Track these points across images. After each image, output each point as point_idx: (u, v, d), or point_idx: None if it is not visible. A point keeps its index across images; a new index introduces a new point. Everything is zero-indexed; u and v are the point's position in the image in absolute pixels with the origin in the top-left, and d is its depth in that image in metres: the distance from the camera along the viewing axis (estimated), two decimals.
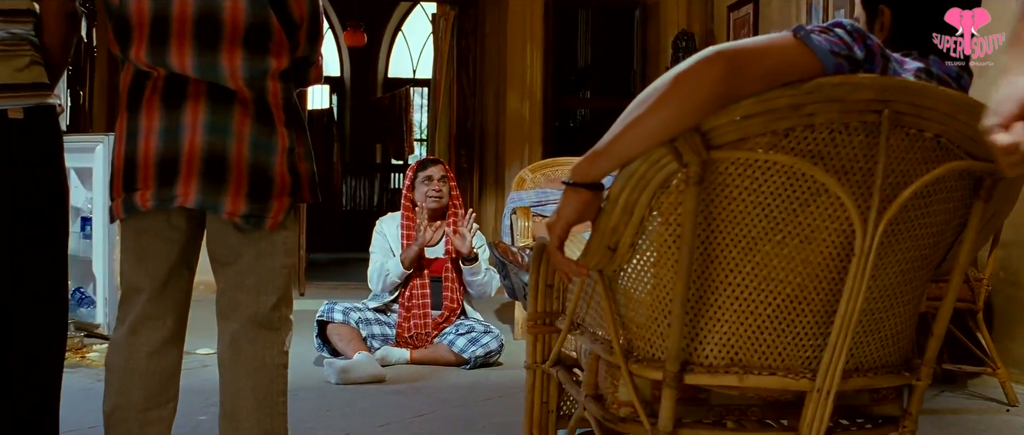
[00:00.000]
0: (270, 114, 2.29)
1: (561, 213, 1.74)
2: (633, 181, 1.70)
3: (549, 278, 2.26)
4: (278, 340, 2.37)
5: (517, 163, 7.92)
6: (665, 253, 1.76)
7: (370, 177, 13.42)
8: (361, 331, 4.62)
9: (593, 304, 2.05)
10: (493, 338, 4.62)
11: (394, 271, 4.73)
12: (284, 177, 2.30)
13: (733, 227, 1.72)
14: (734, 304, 1.76)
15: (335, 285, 8.24)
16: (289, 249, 2.37)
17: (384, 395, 4.03)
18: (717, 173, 1.69)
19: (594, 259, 1.80)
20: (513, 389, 4.14)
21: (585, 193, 1.72)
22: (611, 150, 1.68)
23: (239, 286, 2.34)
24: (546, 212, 5.89)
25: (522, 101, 8.03)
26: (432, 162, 5.05)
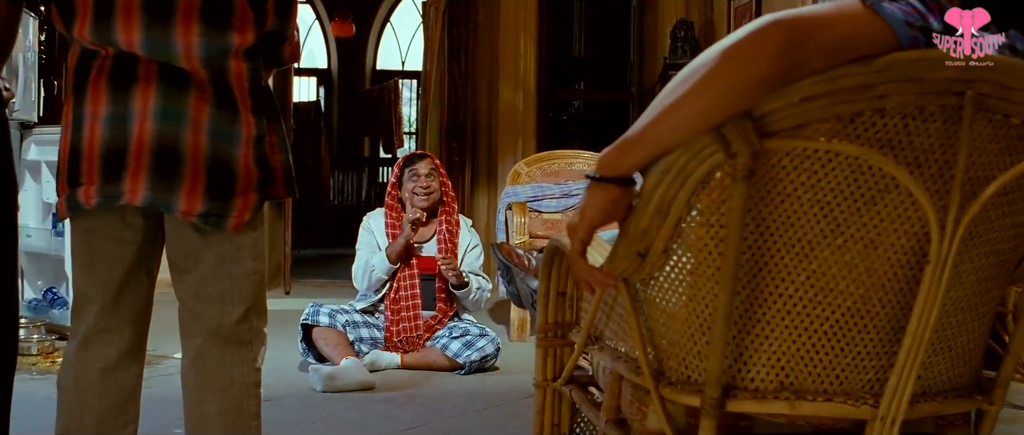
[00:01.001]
0: (232, 98, 2.01)
1: (584, 213, 1.48)
2: (671, 175, 1.44)
3: (561, 285, 2.00)
4: (248, 356, 2.10)
5: (511, 157, 7.66)
6: (705, 259, 1.50)
7: (358, 171, 13.16)
8: (348, 335, 4.35)
9: (615, 316, 1.80)
10: (489, 341, 4.36)
11: (379, 267, 4.46)
12: (249, 170, 2.03)
13: (786, 229, 1.47)
14: (786, 319, 1.51)
15: (322, 283, 7.98)
16: (258, 253, 2.10)
17: (373, 404, 3.76)
18: (769, 166, 1.44)
19: (621, 266, 1.55)
20: (511, 397, 3.88)
21: (613, 189, 1.46)
22: (646, 138, 1.42)
23: (201, 296, 2.07)
24: (543, 208, 5.64)
25: (515, 93, 7.77)
26: (419, 156, 4.77)
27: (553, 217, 5.62)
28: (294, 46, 2.17)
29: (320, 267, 9.19)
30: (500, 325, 5.70)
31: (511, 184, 5.75)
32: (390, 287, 4.53)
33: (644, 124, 1.42)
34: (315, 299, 7.12)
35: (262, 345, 2.15)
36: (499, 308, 6.28)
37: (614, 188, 1.45)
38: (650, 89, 7.74)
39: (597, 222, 1.48)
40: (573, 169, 5.85)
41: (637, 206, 1.47)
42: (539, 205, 5.64)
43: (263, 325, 2.15)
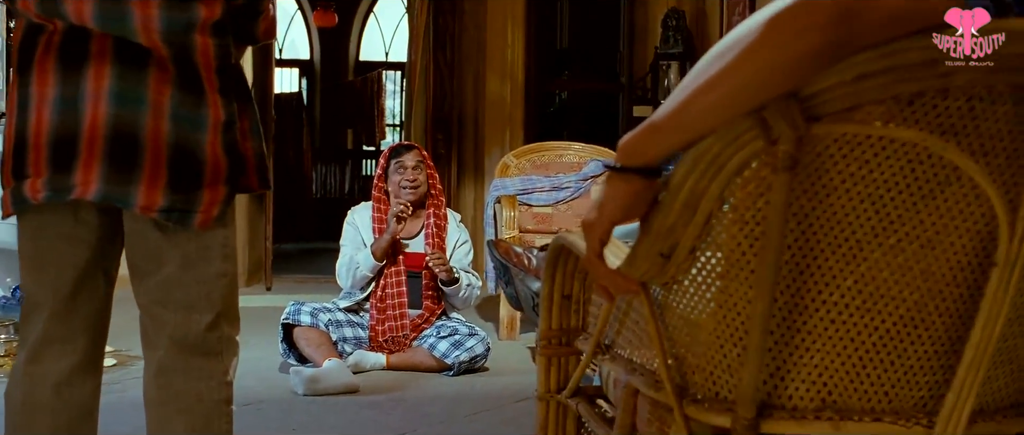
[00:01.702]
0: (198, 79, 1.80)
1: (603, 208, 1.29)
2: (703, 164, 1.26)
3: (567, 288, 1.81)
4: (218, 369, 1.90)
5: (498, 149, 7.47)
6: (737, 261, 1.32)
7: (341, 164, 12.96)
8: (331, 335, 4.15)
9: (629, 322, 1.61)
10: (478, 341, 4.16)
11: (364, 264, 4.26)
12: (217, 160, 1.82)
13: (832, 226, 1.29)
14: (830, 329, 1.33)
15: (304, 278, 7.77)
16: (228, 252, 1.90)
17: (358, 408, 3.57)
18: (814, 154, 1.26)
19: (641, 268, 1.36)
20: (502, 400, 3.70)
21: (636, 181, 1.27)
22: (675, 121, 1.23)
23: (164, 302, 1.86)
24: (532, 201, 5.45)
25: (503, 83, 7.58)
26: (406, 148, 4.57)
27: (543, 211, 5.43)
28: (269, 21, 1.95)
29: (302, 262, 8.99)
30: (489, 322, 5.51)
31: (499, 177, 5.56)
32: (375, 285, 4.33)
33: (674, 106, 1.23)
34: (297, 296, 6.94)
35: (234, 356, 1.95)
36: (487, 305, 6.09)
37: (637, 179, 1.26)
38: (640, 80, 7.56)
39: (617, 218, 1.29)
40: (563, 161, 5.66)
41: (663, 200, 1.29)
42: (529, 198, 5.45)
43: (235, 333, 1.95)
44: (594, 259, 1.30)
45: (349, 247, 4.41)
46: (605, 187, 1.28)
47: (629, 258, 1.35)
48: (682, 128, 1.23)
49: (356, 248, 4.38)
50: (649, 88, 7.42)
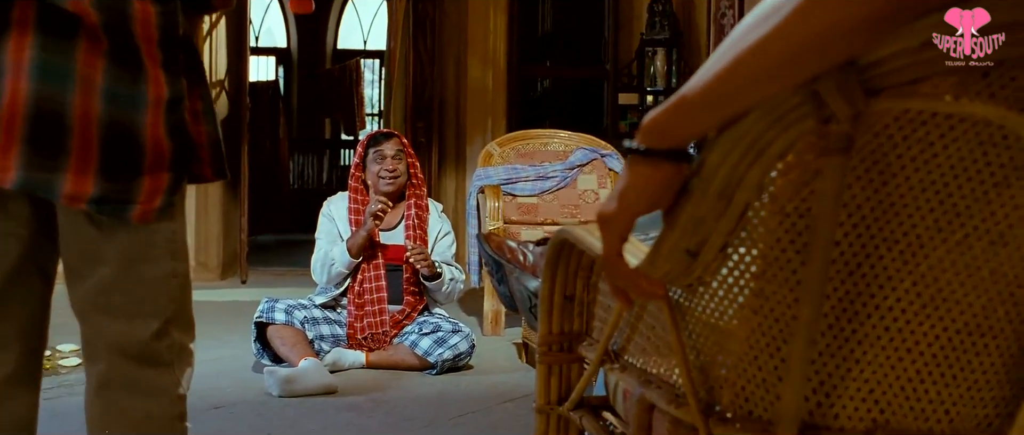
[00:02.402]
0: (135, 50, 1.57)
1: (625, 199, 1.10)
2: (742, 147, 1.07)
3: (569, 287, 1.62)
4: (169, 382, 1.68)
5: (480, 137, 7.28)
6: (776, 259, 1.13)
7: (319, 154, 12.74)
8: (307, 333, 3.94)
9: (643, 328, 1.42)
10: (463, 338, 3.97)
11: (339, 260, 4.06)
12: (159, 143, 1.59)
13: (888, 220, 1.10)
14: (884, 337, 1.15)
15: (281, 271, 7.56)
16: (177, 249, 1.68)
17: (336, 411, 3.37)
18: (870, 135, 1.07)
19: (663, 268, 1.17)
20: (488, 401, 3.51)
21: (664, 167, 1.08)
22: (711, 95, 1.04)
23: (103, 308, 1.64)
24: (517, 191, 5.26)
25: (485, 70, 7.38)
26: (385, 136, 4.36)
27: (528, 201, 5.24)
28: None
29: (279, 254, 8.78)
30: (472, 317, 5.33)
31: (483, 166, 5.36)
32: (353, 279, 4.13)
33: (709, 77, 1.04)
34: (274, 289, 6.77)
35: (188, 366, 1.73)
36: (471, 299, 5.89)
37: (665, 165, 1.07)
38: (626, 66, 7.37)
39: (640, 210, 1.10)
40: (548, 150, 5.47)
41: (693, 189, 1.10)
42: (513, 188, 5.26)
43: (189, 340, 1.73)
44: (614, 258, 1.11)
45: (324, 241, 4.21)
46: (626, 174, 1.09)
47: (650, 257, 1.16)
48: (718, 103, 1.04)
49: (332, 241, 4.18)
50: (635, 75, 7.24)
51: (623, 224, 1.09)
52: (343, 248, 4.05)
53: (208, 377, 3.82)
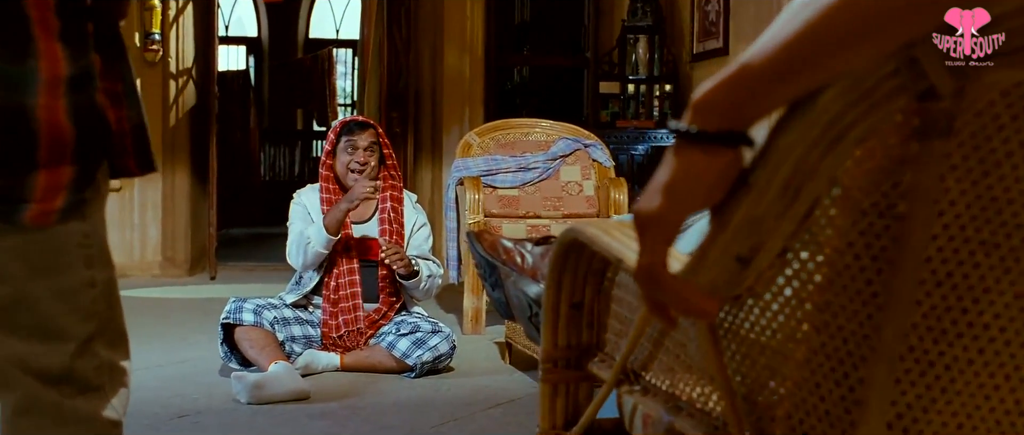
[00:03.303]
0: (22, 18, 1.29)
1: (672, 194, 0.88)
2: (817, 129, 0.86)
3: (577, 294, 1.41)
4: (98, 408, 1.44)
5: (457, 127, 7.04)
6: (848, 267, 0.94)
7: (290, 145, 12.47)
8: (277, 334, 3.70)
9: (670, 345, 1.21)
10: (443, 339, 3.75)
11: (316, 238, 3.79)
12: (58, 130, 1.32)
13: (988, 219, 0.91)
14: (977, 361, 0.95)
15: (253, 266, 7.32)
16: (94, 253, 1.43)
17: (309, 419, 3.15)
18: (970, 115, 0.87)
19: (707, 276, 0.96)
20: (471, 406, 3.30)
21: (722, 154, 0.87)
22: (781, 63, 0.83)
23: (9, 328, 1.39)
24: (497, 183, 5.03)
25: (462, 58, 7.14)
26: (359, 125, 4.09)
27: (509, 193, 5.02)
28: None
29: (250, 248, 8.53)
30: (450, 314, 5.11)
31: (461, 157, 5.13)
32: (326, 275, 3.89)
33: (780, 41, 0.82)
34: (244, 284, 6.53)
35: (122, 387, 1.49)
36: (449, 296, 5.68)
37: (723, 151, 0.86)
38: (606, 54, 7.16)
39: (692, 207, 0.89)
40: (530, 140, 5.25)
41: (755, 182, 0.89)
42: (493, 180, 5.03)
43: (121, 358, 1.49)
44: (659, 267, 0.89)
45: (299, 223, 3.95)
46: (672, 163, 0.88)
47: (692, 264, 0.95)
48: (791, 73, 0.83)
49: (307, 224, 3.92)
50: (616, 63, 7.03)
51: (670, 226, 0.88)
52: (320, 225, 3.80)
53: (172, 382, 3.59)
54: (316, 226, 3.81)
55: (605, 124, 6.85)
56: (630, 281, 1.29)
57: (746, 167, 0.88)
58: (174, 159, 6.92)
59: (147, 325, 4.81)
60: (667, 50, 6.89)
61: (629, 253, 1.10)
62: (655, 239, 0.88)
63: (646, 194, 0.89)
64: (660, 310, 0.93)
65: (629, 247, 1.14)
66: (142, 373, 3.74)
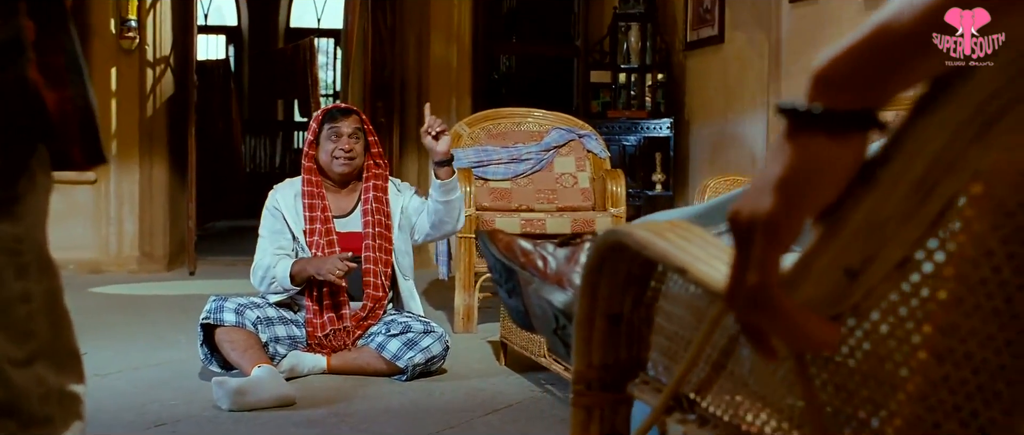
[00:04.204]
0: None
1: (790, 191, 0.69)
2: (967, 111, 0.68)
3: (614, 304, 1.21)
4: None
5: (444, 117, 6.82)
6: (984, 282, 0.75)
7: (271, 136, 12.25)
8: (261, 335, 3.49)
9: (734, 365, 1.02)
10: (435, 340, 3.56)
11: (281, 281, 3.59)
12: None
13: None
14: None
15: (233, 260, 7.08)
16: (27, 262, 1.20)
17: (294, 427, 2.95)
18: None
19: (806, 292, 0.77)
20: (468, 412, 3.11)
21: (855, 140, 0.68)
22: (936, 22, 0.64)
23: None
24: (488, 174, 4.84)
25: (448, 47, 6.94)
26: (343, 112, 3.88)
27: (501, 185, 4.83)
28: None
29: (230, 242, 8.31)
30: (440, 311, 4.91)
31: (451, 148, 4.92)
32: None
33: None
34: (224, 280, 6.31)
35: (75, 419, 1.27)
36: (438, 291, 5.49)
37: (856, 137, 0.67)
38: (597, 43, 6.97)
39: (816, 208, 0.70)
40: (522, 130, 5.06)
41: (881, 177, 0.70)
42: (484, 172, 4.85)
43: (71, 382, 1.27)
44: (770, 288, 0.70)
45: (267, 242, 3.73)
46: (788, 152, 0.69)
47: (792, 277, 0.76)
48: None
49: (276, 238, 3.69)
50: (607, 52, 6.84)
51: (786, 233, 0.69)
52: (287, 271, 3.59)
53: (150, 387, 3.39)
54: (284, 268, 3.59)
55: (596, 114, 6.67)
56: (683, 291, 1.10)
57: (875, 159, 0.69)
58: (152, 150, 6.70)
59: (123, 324, 4.60)
60: (660, 38, 6.71)
61: (704, 266, 0.91)
62: (766, 251, 0.69)
63: (749, 194, 0.70)
64: (760, 339, 0.74)
65: (695, 256, 0.95)
66: (116, 377, 3.53)
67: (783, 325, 0.71)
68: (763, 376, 0.98)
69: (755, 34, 5.69)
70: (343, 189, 3.85)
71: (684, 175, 6.63)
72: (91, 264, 6.46)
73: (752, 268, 0.70)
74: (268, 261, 3.65)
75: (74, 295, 4.44)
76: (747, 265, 0.70)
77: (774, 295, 0.70)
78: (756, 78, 5.68)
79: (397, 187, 3.92)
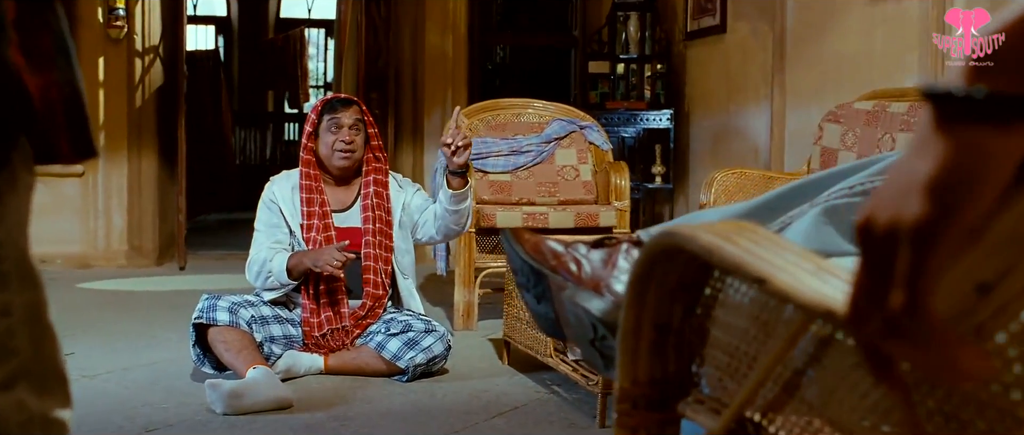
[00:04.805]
0: None
1: (946, 190, 0.56)
2: None
3: (663, 313, 1.09)
4: None
5: (439, 109, 6.72)
6: None
7: (261, 128, 12.10)
8: (255, 334, 3.36)
9: (813, 390, 0.90)
10: (437, 339, 3.43)
11: (277, 276, 3.45)
12: None
13: None
14: None
15: (224, 255, 6.97)
16: (6, 270, 1.05)
17: (292, 432, 2.82)
18: None
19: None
20: (473, 415, 2.99)
21: (1022, 130, 0.55)
22: None
23: None
24: (488, 167, 4.71)
25: (444, 37, 6.80)
26: (343, 103, 3.75)
27: (501, 178, 4.70)
28: None
29: (221, 236, 8.17)
30: (438, 308, 4.79)
31: None
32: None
33: None
34: (215, 275, 6.17)
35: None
36: (436, 287, 5.36)
37: (1022, 129, 0.55)
38: (595, 33, 6.85)
39: (977, 211, 0.57)
40: (521, 121, 4.93)
41: None
42: (484, 164, 4.71)
43: (56, 407, 1.13)
44: (926, 310, 0.57)
45: (263, 236, 3.59)
46: (942, 146, 0.56)
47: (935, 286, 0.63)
48: None
49: (272, 233, 3.56)
50: (606, 42, 6.72)
51: (945, 242, 0.56)
52: (283, 265, 3.46)
53: (139, 389, 3.25)
54: (280, 263, 3.46)
55: (594, 105, 6.55)
56: (745, 300, 0.98)
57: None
58: (141, 142, 6.55)
59: (111, 322, 4.46)
60: (659, 28, 6.59)
61: (787, 276, 0.79)
62: (917, 266, 0.56)
63: (886, 196, 0.58)
64: (887, 368, 0.61)
65: (774, 264, 0.82)
66: (105, 378, 3.40)
67: (933, 355, 0.59)
68: (845, 401, 0.86)
69: (758, 24, 5.57)
70: (342, 183, 3.72)
71: (684, 168, 6.51)
72: (79, 259, 6.31)
73: (897, 286, 0.57)
74: (264, 255, 3.51)
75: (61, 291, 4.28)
76: (889, 283, 0.58)
77: (929, 320, 0.58)
78: (759, 69, 5.56)
79: (398, 183, 3.78)
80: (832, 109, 4.12)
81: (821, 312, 0.76)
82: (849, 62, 4.69)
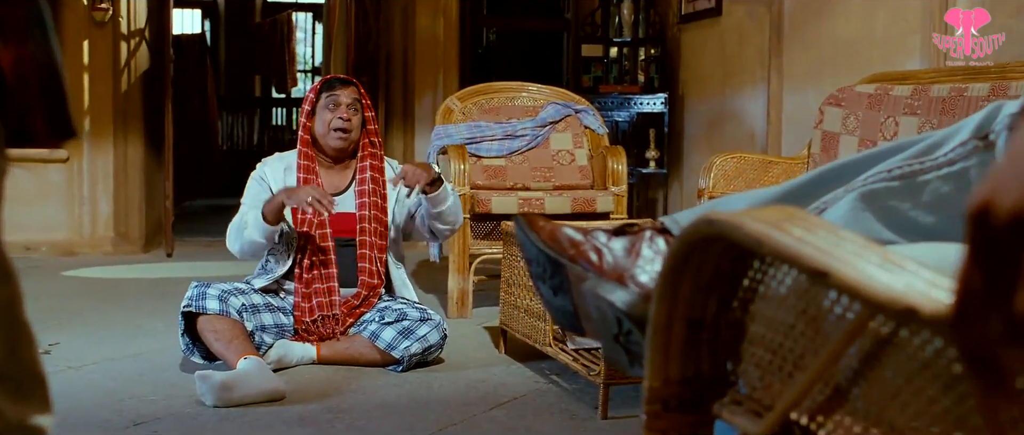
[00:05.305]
0: None
1: None
2: None
3: (696, 308, 1.01)
4: None
5: (430, 93, 6.63)
6: None
7: (249, 113, 11.99)
8: (246, 323, 3.27)
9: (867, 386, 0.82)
10: (433, 328, 3.34)
11: (253, 225, 3.32)
12: None
13: None
14: None
15: (211, 241, 6.84)
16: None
17: (285, 425, 2.74)
18: None
19: None
20: (470, 406, 2.91)
21: None
22: None
23: None
24: (482, 151, 4.62)
25: (435, 20, 6.71)
26: (342, 82, 3.64)
27: (495, 163, 4.61)
28: None
29: (208, 222, 8.04)
30: (431, 295, 4.70)
31: (442, 123, 4.72)
32: (296, 257, 3.46)
33: None
34: (203, 262, 6.07)
35: None
36: (429, 273, 5.27)
37: None
38: (588, 16, 6.76)
39: None
40: (516, 105, 4.84)
41: None
42: (477, 148, 4.63)
43: (34, 413, 1.05)
44: None
45: (248, 203, 3.51)
46: None
47: None
48: None
49: (259, 204, 3.46)
50: (599, 25, 6.63)
51: None
52: (259, 213, 3.34)
53: (126, 381, 3.16)
54: (254, 213, 3.36)
55: (587, 89, 6.46)
56: (789, 293, 0.90)
57: None
58: (127, 127, 6.44)
59: (97, 310, 4.36)
60: (653, 11, 6.50)
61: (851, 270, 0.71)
62: None
63: (1007, 180, 0.49)
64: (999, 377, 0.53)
65: (835, 256, 0.74)
66: (91, 369, 3.30)
67: None
68: (910, 405, 0.78)
69: (755, 7, 5.48)
70: (337, 166, 3.62)
71: (678, 152, 6.43)
72: (64, 246, 6.21)
73: (1021, 286, 0.49)
74: (241, 213, 3.41)
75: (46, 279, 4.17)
76: (1011, 279, 0.49)
77: None
78: (756, 52, 5.47)
79: (394, 170, 3.68)
80: (833, 92, 4.03)
81: (898, 310, 0.68)
82: (847, 45, 4.62)
